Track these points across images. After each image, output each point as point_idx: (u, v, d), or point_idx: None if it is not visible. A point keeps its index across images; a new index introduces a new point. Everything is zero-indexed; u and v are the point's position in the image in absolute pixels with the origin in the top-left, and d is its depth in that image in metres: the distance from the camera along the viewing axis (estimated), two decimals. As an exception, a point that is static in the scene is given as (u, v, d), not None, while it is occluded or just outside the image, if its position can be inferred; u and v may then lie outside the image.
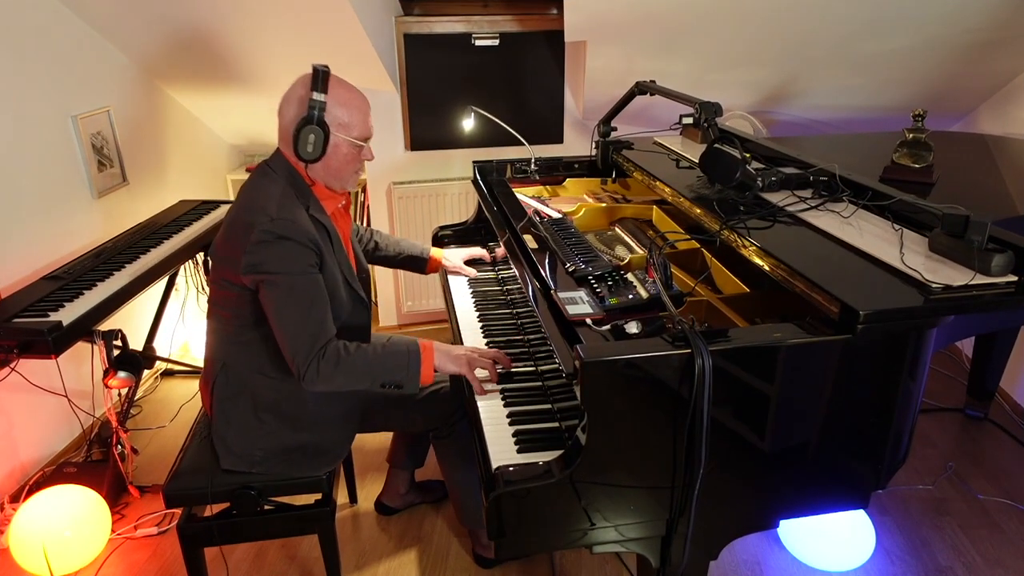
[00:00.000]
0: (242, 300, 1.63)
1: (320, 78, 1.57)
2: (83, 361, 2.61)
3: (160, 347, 3.06)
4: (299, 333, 1.58)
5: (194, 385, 3.07)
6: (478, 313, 2.07)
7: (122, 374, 2.28)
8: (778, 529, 2.12)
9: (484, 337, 1.94)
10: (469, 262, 2.32)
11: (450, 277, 2.32)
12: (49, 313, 2.05)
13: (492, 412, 1.59)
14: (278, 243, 1.54)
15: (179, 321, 3.31)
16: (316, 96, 1.57)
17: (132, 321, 3.00)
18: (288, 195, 1.61)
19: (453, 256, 2.28)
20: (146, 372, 3.06)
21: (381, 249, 2.17)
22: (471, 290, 2.22)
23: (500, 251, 2.25)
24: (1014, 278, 1.31)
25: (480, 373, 1.69)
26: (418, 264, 2.24)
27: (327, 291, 1.62)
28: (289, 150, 1.63)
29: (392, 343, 1.68)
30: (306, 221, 1.60)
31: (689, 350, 1.19)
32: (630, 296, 1.46)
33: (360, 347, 1.63)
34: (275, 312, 1.58)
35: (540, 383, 1.70)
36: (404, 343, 1.67)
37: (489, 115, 2.64)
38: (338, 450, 1.78)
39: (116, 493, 2.39)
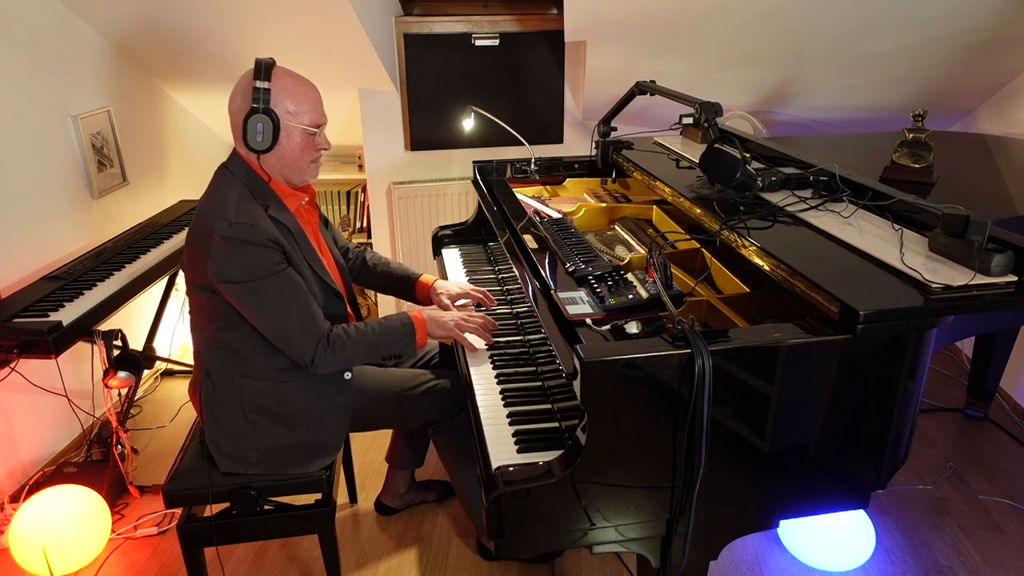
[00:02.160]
0: (213, 305, 1.63)
1: (262, 67, 1.57)
2: (83, 361, 2.61)
3: (160, 347, 3.06)
4: (290, 329, 1.61)
5: (194, 385, 3.08)
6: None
7: (122, 374, 2.28)
8: (778, 529, 2.12)
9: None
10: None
11: (449, 272, 2.31)
12: (49, 313, 2.05)
13: (492, 412, 1.59)
14: (239, 248, 1.54)
15: (179, 321, 3.31)
16: (260, 84, 1.56)
17: (132, 321, 3.00)
18: (245, 197, 1.60)
19: (443, 291, 2.02)
20: (146, 372, 3.06)
21: (368, 267, 2.08)
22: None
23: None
24: (1014, 278, 1.31)
25: (472, 339, 1.83)
26: (407, 287, 2.07)
27: None
28: (241, 144, 1.63)
29: (388, 319, 1.77)
30: (265, 222, 1.59)
31: (689, 350, 1.19)
32: (630, 296, 1.46)
33: (359, 328, 1.71)
34: (257, 316, 1.60)
35: (540, 383, 1.70)
36: (398, 318, 1.77)
37: (489, 115, 2.64)
38: (334, 444, 1.78)
39: (116, 493, 2.39)
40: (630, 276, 1.56)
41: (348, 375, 1.78)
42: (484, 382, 1.71)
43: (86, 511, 2.08)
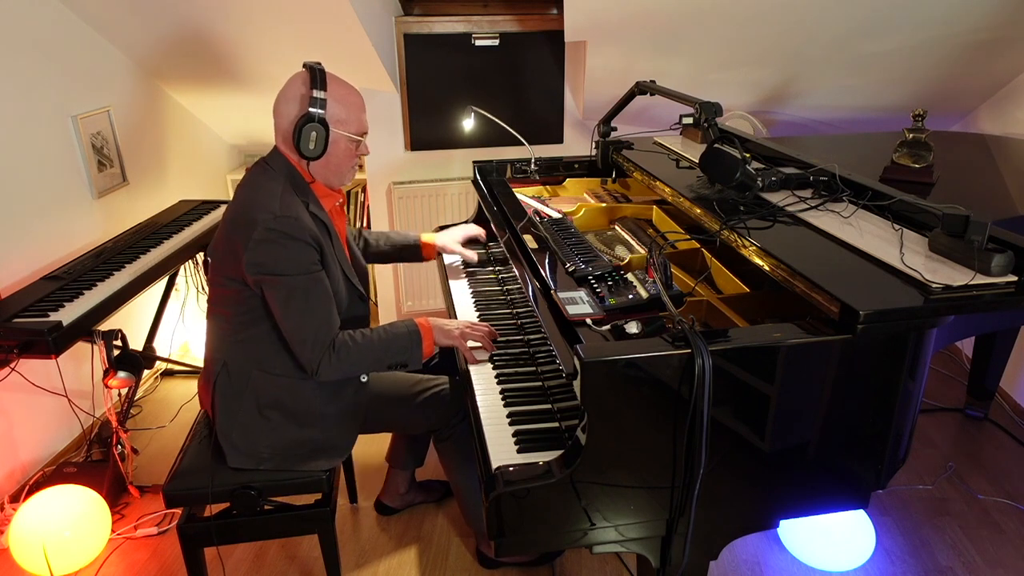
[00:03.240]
0: (241, 297, 1.65)
1: (317, 75, 1.59)
2: (83, 361, 2.61)
3: (160, 347, 3.06)
4: (306, 331, 1.62)
5: (194, 385, 3.07)
6: (478, 314, 2.07)
7: (122, 374, 2.28)
8: (778, 529, 2.12)
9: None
10: (469, 242, 2.28)
11: (451, 280, 2.32)
12: (49, 313, 2.05)
13: (492, 412, 1.59)
14: (282, 242, 1.56)
15: (179, 321, 3.31)
16: (317, 94, 1.59)
17: (132, 321, 3.00)
18: (288, 192, 1.63)
19: (447, 238, 2.23)
20: (146, 372, 3.06)
21: (372, 246, 2.16)
22: (471, 290, 2.22)
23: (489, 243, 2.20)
24: (1014, 278, 1.31)
25: (473, 345, 1.80)
26: (412, 252, 2.21)
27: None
28: (289, 148, 1.66)
29: (393, 326, 1.75)
30: (307, 218, 1.62)
31: (689, 350, 1.19)
32: (630, 296, 1.46)
33: (364, 335, 1.70)
34: (282, 311, 1.62)
35: (540, 383, 1.70)
36: (404, 325, 1.75)
37: (489, 115, 2.64)
38: (344, 445, 1.79)
39: (116, 493, 2.39)
40: (630, 276, 1.56)
41: (364, 378, 1.79)
42: (484, 382, 1.71)
43: (86, 511, 2.08)
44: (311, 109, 1.58)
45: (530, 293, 1.68)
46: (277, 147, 1.70)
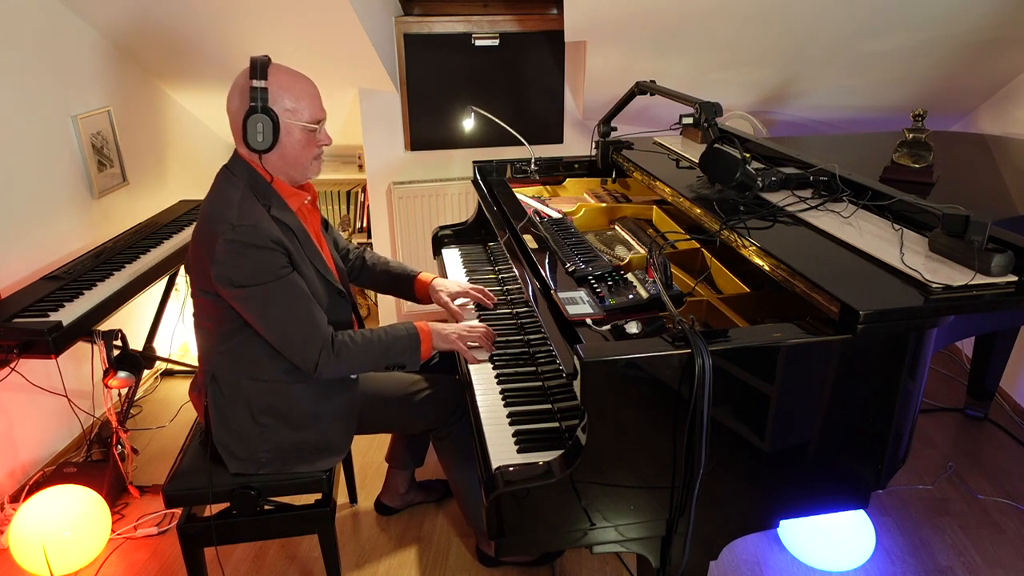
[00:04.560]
0: (219, 308, 1.63)
1: (258, 66, 1.55)
2: (83, 361, 2.61)
3: (160, 347, 3.06)
4: (293, 335, 1.61)
5: (194, 385, 3.08)
6: (478, 314, 2.07)
7: (122, 374, 2.28)
8: (778, 529, 2.12)
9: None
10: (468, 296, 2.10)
11: (449, 272, 2.31)
12: (49, 313, 2.05)
13: (492, 412, 1.59)
14: (244, 252, 1.53)
15: (179, 321, 3.31)
16: (257, 83, 1.55)
17: (132, 321, 3.00)
18: (248, 198, 1.59)
19: (443, 287, 2.05)
20: (146, 372, 3.06)
21: (368, 267, 2.09)
22: (471, 290, 2.22)
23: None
24: (1014, 278, 1.31)
25: (472, 346, 1.81)
26: (406, 285, 2.09)
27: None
28: (242, 145, 1.62)
29: (393, 328, 1.75)
30: (268, 222, 1.58)
31: (689, 350, 1.19)
32: (630, 296, 1.46)
33: (364, 336, 1.70)
34: (262, 321, 1.59)
35: (540, 383, 1.70)
36: (403, 328, 1.76)
37: (489, 115, 2.64)
38: (341, 443, 1.78)
39: (116, 493, 2.39)
40: (630, 276, 1.56)
41: (354, 375, 1.78)
42: (484, 382, 1.72)
43: (86, 511, 2.08)
44: (252, 100, 1.55)
45: (530, 293, 1.68)
46: (236, 149, 1.66)
